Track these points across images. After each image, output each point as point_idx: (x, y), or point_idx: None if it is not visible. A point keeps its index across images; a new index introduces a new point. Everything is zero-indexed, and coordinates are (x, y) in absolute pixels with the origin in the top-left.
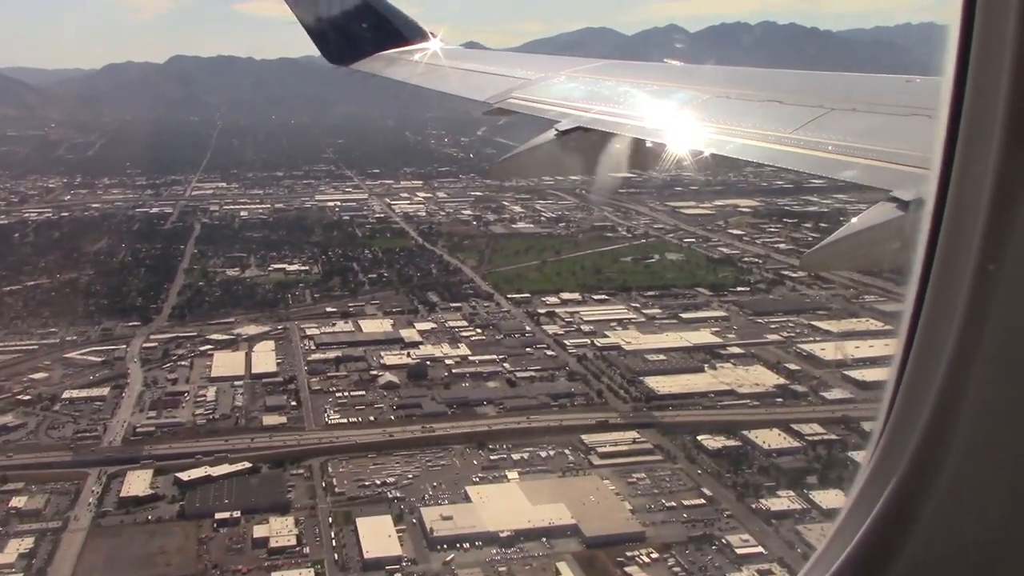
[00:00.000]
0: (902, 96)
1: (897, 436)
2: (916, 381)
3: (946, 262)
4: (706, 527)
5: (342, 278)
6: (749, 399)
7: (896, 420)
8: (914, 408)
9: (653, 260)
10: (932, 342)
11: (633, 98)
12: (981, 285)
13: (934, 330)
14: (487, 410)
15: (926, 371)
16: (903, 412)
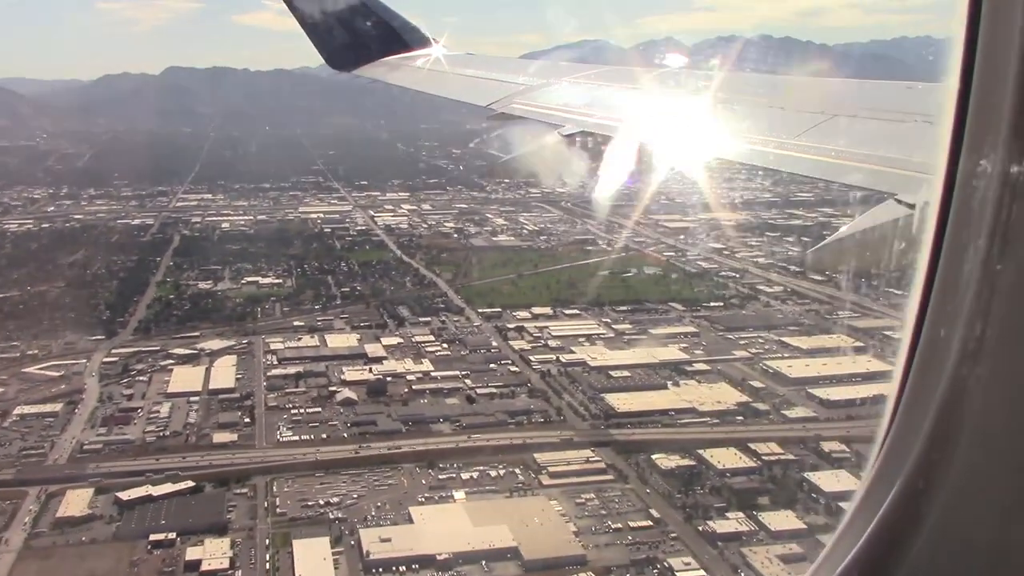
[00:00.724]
0: (904, 102)
1: (902, 436)
2: (921, 381)
3: (951, 262)
4: (650, 550)
5: (315, 291)
6: (709, 417)
7: (901, 420)
8: (919, 408)
9: (630, 274)
10: (937, 343)
11: (635, 104)
12: (987, 285)
13: (939, 331)
14: (443, 427)
15: (931, 371)
16: (908, 412)
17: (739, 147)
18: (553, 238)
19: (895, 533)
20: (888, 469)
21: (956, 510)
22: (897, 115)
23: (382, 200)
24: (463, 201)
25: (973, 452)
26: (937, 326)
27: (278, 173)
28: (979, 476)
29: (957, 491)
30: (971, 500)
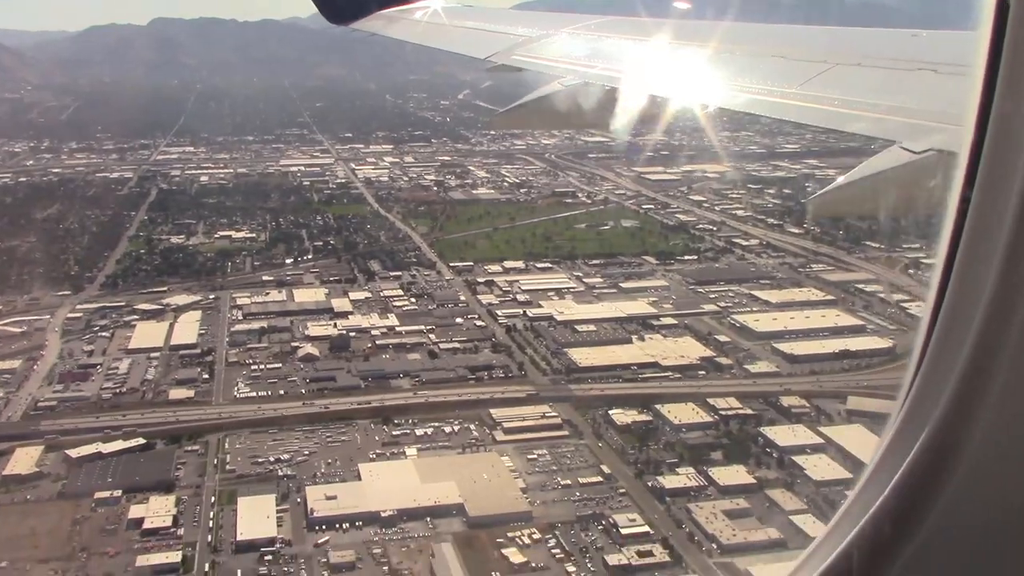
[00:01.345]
0: (907, 50)
1: (928, 390)
2: (948, 336)
3: (982, 213)
4: (597, 506)
5: (287, 245)
6: (671, 372)
7: (927, 373)
8: (946, 360)
9: (607, 227)
10: (966, 296)
11: (637, 54)
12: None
13: (968, 282)
14: (402, 383)
15: (958, 326)
16: (934, 364)
17: (741, 97)
18: (533, 191)
19: (919, 487)
20: (912, 422)
21: (983, 464)
22: (901, 63)
23: (365, 152)
24: (447, 153)
25: (1003, 406)
26: (967, 277)
27: (263, 125)
28: (1007, 432)
29: (983, 445)
30: (998, 455)
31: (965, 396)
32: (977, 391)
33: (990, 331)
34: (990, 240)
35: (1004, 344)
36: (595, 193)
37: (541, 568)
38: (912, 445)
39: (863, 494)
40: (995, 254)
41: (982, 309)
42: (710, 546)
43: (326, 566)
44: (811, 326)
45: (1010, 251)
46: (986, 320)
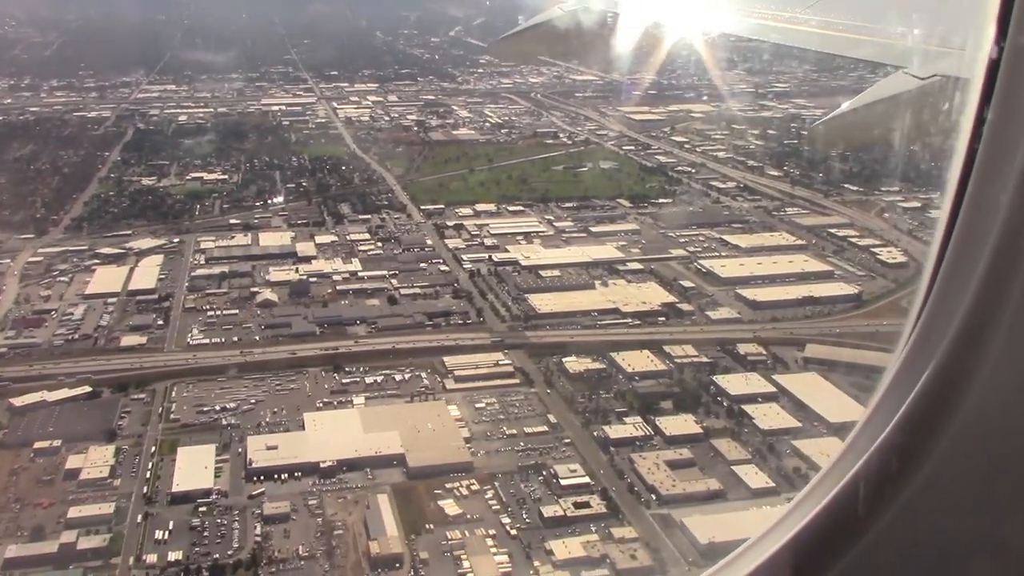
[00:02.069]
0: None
1: (932, 328)
2: (959, 258)
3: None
4: (540, 456)
5: (259, 187)
6: (631, 318)
7: (932, 311)
8: (957, 284)
9: (584, 169)
10: (979, 218)
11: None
12: None
13: (983, 202)
14: (358, 330)
15: (969, 250)
16: (945, 288)
17: (744, 23)
18: (515, 131)
19: (923, 422)
20: (917, 357)
21: (986, 401)
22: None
23: (349, 91)
24: (431, 92)
25: (1008, 344)
26: (979, 201)
27: (248, 63)
28: (1012, 369)
29: (1002, 348)
30: (1001, 394)
31: (971, 332)
32: (983, 328)
33: (1000, 263)
34: (1006, 160)
35: (1015, 276)
36: (577, 134)
37: (476, 519)
38: (917, 380)
39: (868, 426)
40: (1011, 175)
41: (993, 239)
42: (649, 497)
43: (259, 518)
44: (778, 272)
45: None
46: (996, 252)
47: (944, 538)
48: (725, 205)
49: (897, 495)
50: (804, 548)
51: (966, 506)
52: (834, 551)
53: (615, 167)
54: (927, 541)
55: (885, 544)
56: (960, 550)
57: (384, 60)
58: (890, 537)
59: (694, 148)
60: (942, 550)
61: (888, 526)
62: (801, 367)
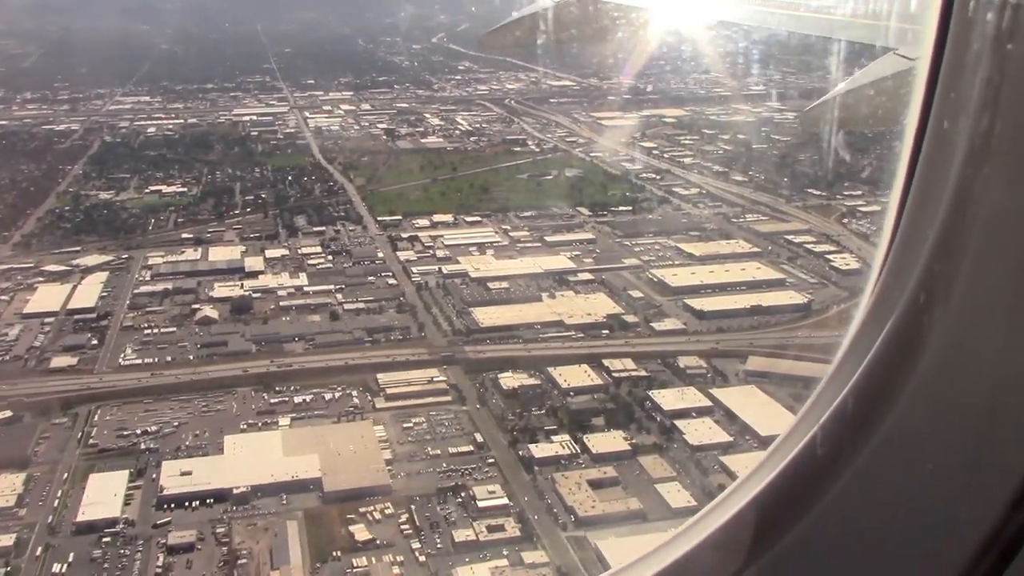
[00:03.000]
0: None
1: (904, 252)
2: (918, 213)
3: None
4: (461, 477)
5: (217, 200)
6: (575, 331)
7: (894, 261)
8: (914, 246)
9: (548, 177)
10: (933, 182)
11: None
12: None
13: (935, 166)
14: (295, 347)
15: (926, 212)
16: (910, 226)
17: (741, 9)
18: (484, 139)
19: (895, 356)
20: (890, 289)
21: (959, 327)
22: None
23: (323, 100)
24: (406, 100)
25: (975, 276)
26: (935, 159)
27: (226, 73)
28: (982, 291)
29: (961, 305)
30: (973, 318)
31: (932, 281)
32: (943, 277)
33: (954, 219)
34: (955, 131)
35: (970, 228)
36: (546, 141)
37: (386, 545)
38: (873, 343)
39: (827, 389)
40: (961, 136)
41: (947, 194)
42: (567, 519)
43: (163, 547)
44: (729, 280)
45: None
46: (951, 207)
47: (901, 498)
48: (685, 212)
49: (856, 454)
50: (764, 509)
51: (922, 466)
52: (794, 511)
53: (580, 175)
54: (885, 501)
55: (844, 505)
56: (916, 509)
57: (362, 68)
58: (848, 498)
59: (662, 154)
60: (898, 509)
61: (845, 488)
62: (741, 380)
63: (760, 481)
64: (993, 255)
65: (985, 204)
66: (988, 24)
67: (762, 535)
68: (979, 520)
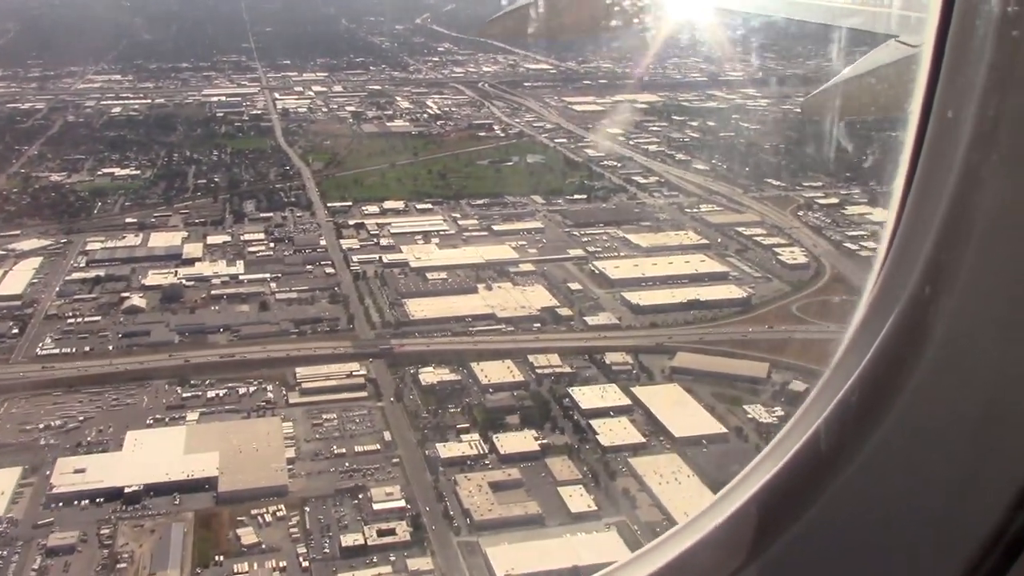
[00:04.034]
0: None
1: (907, 246)
2: (921, 202)
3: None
4: (362, 478)
5: (169, 184)
6: (506, 324)
7: (898, 249)
8: (919, 236)
9: (509, 163)
10: (936, 170)
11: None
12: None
13: (938, 154)
14: (219, 338)
15: (931, 193)
16: (914, 215)
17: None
18: (450, 123)
19: (899, 348)
20: (893, 280)
21: (964, 318)
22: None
23: (296, 81)
24: (380, 82)
25: (979, 266)
26: (939, 149)
27: (203, 52)
28: (987, 280)
29: (965, 295)
30: (977, 309)
31: (936, 271)
32: (948, 267)
33: (959, 208)
34: (959, 119)
35: (974, 218)
36: (513, 126)
37: (271, 550)
38: (875, 338)
39: (829, 383)
40: (966, 124)
41: (951, 183)
42: (462, 522)
43: (42, 550)
44: (672, 273)
45: (977, 127)
46: (955, 197)
47: (904, 493)
48: (640, 202)
49: (859, 449)
50: (766, 505)
51: (926, 461)
52: (796, 507)
53: (541, 161)
54: (888, 496)
55: (847, 500)
56: (920, 504)
57: (341, 49)
58: (852, 493)
59: (627, 141)
60: (902, 505)
61: (849, 482)
62: (667, 377)
63: (762, 476)
64: (998, 244)
65: (990, 192)
66: (992, 11)
67: (764, 531)
68: (984, 516)
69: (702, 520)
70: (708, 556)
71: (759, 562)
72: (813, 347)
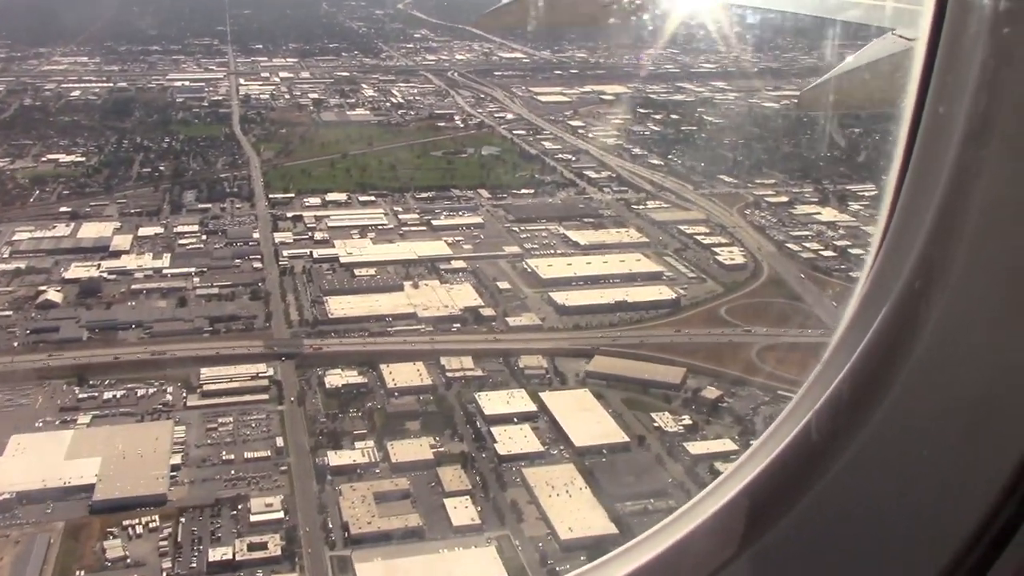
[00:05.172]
0: None
1: (899, 241)
2: (914, 197)
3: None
4: (246, 486)
5: (112, 172)
6: (426, 324)
7: (891, 244)
8: (919, 202)
9: (463, 155)
10: (929, 166)
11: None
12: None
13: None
14: (130, 335)
15: (924, 188)
16: (908, 205)
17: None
18: (412, 113)
19: (890, 342)
20: (885, 274)
21: (955, 313)
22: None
23: (265, 66)
24: (349, 68)
25: (970, 261)
26: (932, 142)
27: (177, 34)
28: (979, 276)
29: (955, 293)
30: (968, 304)
31: (928, 266)
32: (940, 262)
33: (951, 203)
34: (952, 114)
35: (967, 213)
36: (474, 116)
37: (136, 564)
38: (868, 330)
39: (822, 376)
40: (959, 119)
41: (944, 178)
42: (339, 535)
43: None
44: (605, 272)
45: (970, 122)
46: (948, 192)
47: (895, 485)
48: (587, 197)
49: (851, 441)
50: (757, 497)
51: (917, 453)
52: (788, 499)
53: (496, 154)
54: (879, 488)
55: (838, 492)
56: (910, 496)
57: (317, 33)
58: (843, 484)
59: (586, 133)
60: (892, 496)
61: (840, 474)
62: (580, 382)
63: (754, 468)
64: (990, 239)
65: (982, 188)
66: (985, 6)
67: (756, 522)
68: (972, 507)
69: (694, 511)
70: (700, 547)
71: (750, 553)
72: (734, 351)
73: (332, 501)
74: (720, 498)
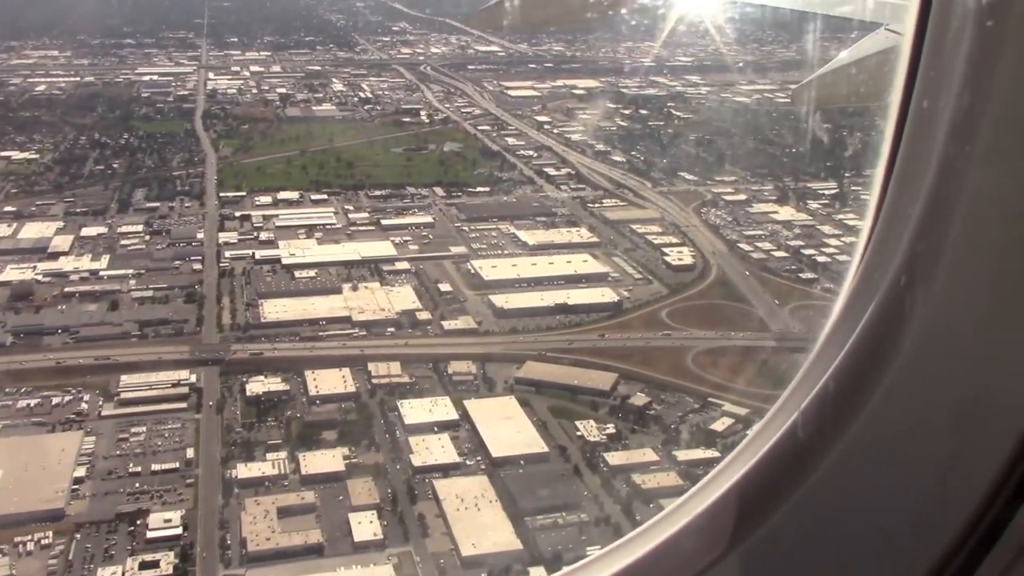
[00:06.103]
0: None
1: (879, 256)
2: (900, 192)
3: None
4: (149, 500)
5: (64, 169)
6: (360, 328)
7: (878, 240)
8: (898, 226)
9: (424, 152)
10: (921, 145)
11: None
12: None
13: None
14: (55, 340)
15: (910, 184)
16: (897, 192)
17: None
18: (378, 108)
19: (878, 339)
20: (872, 270)
21: (942, 308)
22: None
23: (237, 60)
24: (321, 62)
25: (957, 256)
26: (920, 135)
27: (151, 27)
28: (965, 271)
29: (941, 289)
30: (955, 299)
31: (915, 261)
32: (926, 257)
33: (937, 198)
34: (937, 109)
35: (953, 208)
36: (440, 111)
37: None
38: (854, 329)
39: (808, 376)
40: (945, 112)
41: (930, 174)
42: (237, 552)
43: None
44: (549, 274)
45: (955, 117)
46: (934, 187)
47: (883, 482)
48: (543, 195)
49: (838, 439)
50: (745, 495)
51: (905, 450)
52: (776, 497)
53: (457, 150)
54: (867, 485)
55: (826, 489)
56: (898, 493)
57: (293, 26)
58: (830, 482)
59: (552, 129)
60: (880, 494)
61: (827, 472)
62: (508, 388)
63: (742, 466)
64: (976, 234)
65: (968, 183)
66: (969, 1)
67: (744, 520)
68: (960, 506)
69: (681, 511)
70: (688, 545)
71: (738, 552)
72: (667, 356)
73: (235, 516)
74: (708, 496)
